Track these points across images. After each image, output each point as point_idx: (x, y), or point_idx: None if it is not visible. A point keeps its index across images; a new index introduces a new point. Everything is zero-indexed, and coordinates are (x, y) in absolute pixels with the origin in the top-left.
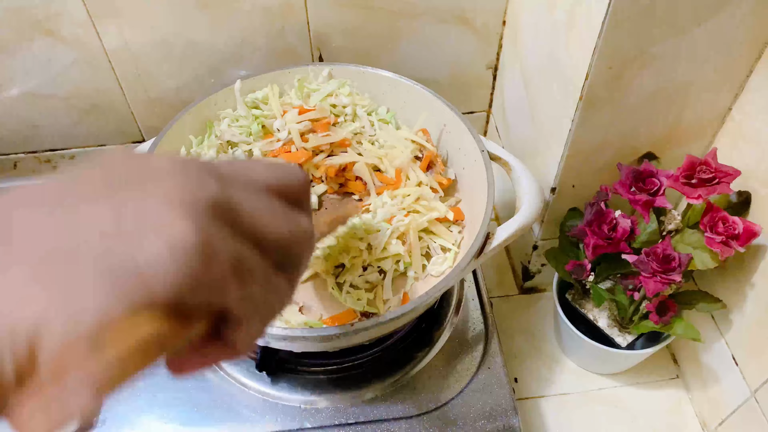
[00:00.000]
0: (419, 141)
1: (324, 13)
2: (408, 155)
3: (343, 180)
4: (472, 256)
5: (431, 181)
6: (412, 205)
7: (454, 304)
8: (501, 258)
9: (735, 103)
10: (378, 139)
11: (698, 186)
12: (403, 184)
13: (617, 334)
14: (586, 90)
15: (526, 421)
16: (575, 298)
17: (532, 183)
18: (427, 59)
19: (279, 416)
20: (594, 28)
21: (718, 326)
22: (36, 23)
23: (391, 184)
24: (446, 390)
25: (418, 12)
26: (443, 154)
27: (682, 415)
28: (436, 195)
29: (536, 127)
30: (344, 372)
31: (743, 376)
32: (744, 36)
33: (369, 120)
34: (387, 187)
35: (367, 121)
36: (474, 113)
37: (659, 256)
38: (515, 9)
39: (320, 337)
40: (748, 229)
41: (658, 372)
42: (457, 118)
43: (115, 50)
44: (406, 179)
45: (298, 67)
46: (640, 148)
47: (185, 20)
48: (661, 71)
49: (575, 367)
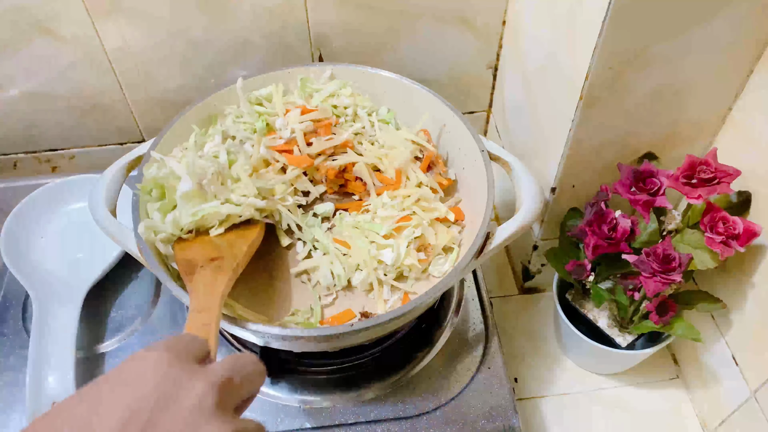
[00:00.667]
0: (419, 141)
1: (324, 13)
2: (408, 156)
3: (343, 181)
4: (472, 256)
5: (431, 182)
6: (412, 206)
7: (454, 304)
8: (501, 258)
9: (735, 103)
10: (378, 139)
11: (698, 186)
12: (403, 184)
13: (617, 334)
14: (586, 90)
15: (526, 421)
16: (575, 298)
17: (532, 183)
18: (427, 59)
19: (279, 416)
20: (594, 28)
21: (718, 326)
22: (36, 23)
23: (391, 185)
24: (446, 390)
25: (418, 12)
26: (443, 154)
27: (682, 415)
28: (436, 195)
29: (536, 127)
30: (344, 372)
31: (743, 376)
32: (744, 36)
33: (369, 120)
34: (387, 187)
35: (367, 121)
36: (474, 113)
37: (659, 256)
38: (515, 9)
39: (320, 337)
40: (748, 229)
41: (658, 372)
42: (457, 118)
43: (115, 50)
44: (406, 180)
45: (299, 67)
46: (640, 148)
47: (185, 20)
48: (661, 71)
49: (575, 367)
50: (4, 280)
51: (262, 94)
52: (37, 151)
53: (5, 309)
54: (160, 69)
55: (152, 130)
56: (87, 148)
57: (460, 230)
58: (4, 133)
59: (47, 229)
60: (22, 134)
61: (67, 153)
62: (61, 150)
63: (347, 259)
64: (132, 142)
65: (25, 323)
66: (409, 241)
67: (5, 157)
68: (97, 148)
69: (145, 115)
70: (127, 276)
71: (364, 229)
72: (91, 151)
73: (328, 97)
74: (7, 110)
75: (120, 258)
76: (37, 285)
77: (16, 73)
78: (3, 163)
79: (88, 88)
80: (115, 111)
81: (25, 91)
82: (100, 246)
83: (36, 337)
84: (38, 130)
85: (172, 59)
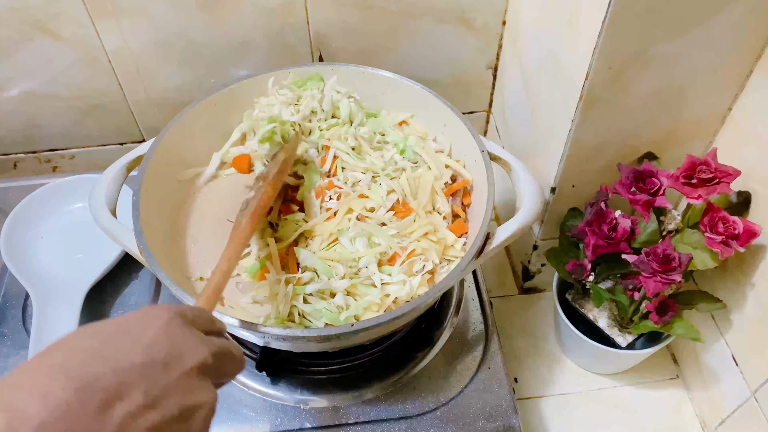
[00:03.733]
0: (456, 168)
1: (324, 13)
2: (439, 182)
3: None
4: (472, 256)
5: (455, 206)
6: (421, 238)
7: (454, 304)
8: (501, 258)
9: (735, 103)
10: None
11: (698, 186)
12: (416, 214)
13: (617, 334)
14: (586, 90)
15: (526, 421)
16: (575, 298)
17: (532, 183)
18: (427, 59)
19: (279, 416)
20: (594, 28)
21: (718, 326)
22: (36, 23)
23: (401, 212)
24: (446, 390)
25: (418, 12)
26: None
27: (682, 415)
28: (445, 222)
29: (536, 127)
30: (344, 372)
31: (743, 376)
32: (744, 36)
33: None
34: (398, 213)
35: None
36: (474, 113)
37: (659, 256)
38: (515, 9)
39: (320, 337)
40: (748, 229)
41: (658, 372)
42: (457, 118)
43: (115, 50)
44: (428, 207)
45: (298, 67)
46: (640, 148)
47: (185, 20)
48: (661, 71)
49: (575, 367)
50: (4, 280)
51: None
52: (37, 151)
53: (5, 309)
54: (160, 69)
55: (152, 130)
56: (87, 148)
57: (464, 243)
58: (4, 133)
59: (47, 229)
60: (22, 134)
61: (67, 153)
62: (61, 150)
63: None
64: (132, 142)
65: (25, 323)
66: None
67: (5, 157)
68: (97, 148)
69: (145, 115)
70: (127, 276)
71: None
72: (91, 151)
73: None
74: (7, 110)
75: (120, 258)
76: (37, 285)
77: (16, 73)
78: (3, 163)
79: (88, 88)
80: (115, 111)
81: (25, 91)
82: (100, 246)
83: (36, 337)
84: (38, 130)
85: (172, 59)
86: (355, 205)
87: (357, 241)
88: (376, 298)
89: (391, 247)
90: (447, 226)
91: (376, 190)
